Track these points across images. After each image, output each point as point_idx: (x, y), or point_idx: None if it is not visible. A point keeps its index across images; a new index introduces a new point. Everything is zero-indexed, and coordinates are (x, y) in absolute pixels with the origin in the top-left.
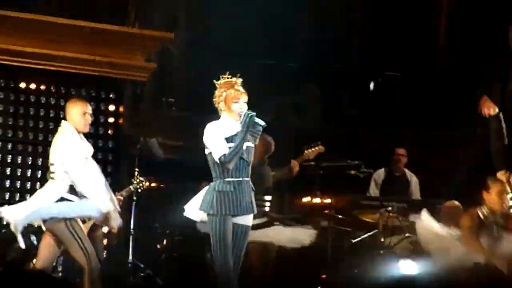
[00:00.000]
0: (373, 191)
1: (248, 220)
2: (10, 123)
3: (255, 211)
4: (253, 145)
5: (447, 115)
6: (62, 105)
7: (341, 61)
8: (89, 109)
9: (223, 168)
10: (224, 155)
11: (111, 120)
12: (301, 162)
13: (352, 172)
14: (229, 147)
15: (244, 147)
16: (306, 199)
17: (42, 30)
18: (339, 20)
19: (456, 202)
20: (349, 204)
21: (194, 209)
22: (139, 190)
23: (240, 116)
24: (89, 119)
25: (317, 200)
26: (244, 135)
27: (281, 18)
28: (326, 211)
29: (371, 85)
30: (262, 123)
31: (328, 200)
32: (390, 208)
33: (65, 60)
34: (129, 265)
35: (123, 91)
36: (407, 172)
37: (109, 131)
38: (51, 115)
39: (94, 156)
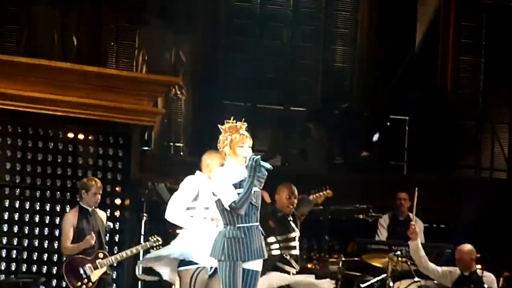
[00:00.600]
0: (382, 235)
1: (257, 265)
2: (18, 168)
3: (266, 256)
4: (259, 190)
5: (453, 158)
6: (70, 151)
7: (348, 105)
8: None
9: (232, 214)
10: (235, 201)
11: (119, 165)
12: (310, 208)
13: (361, 216)
14: (238, 193)
15: (252, 192)
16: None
17: (50, 75)
18: (347, 64)
19: (470, 246)
20: (357, 249)
21: (204, 256)
22: (155, 249)
23: (246, 160)
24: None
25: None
26: (252, 180)
27: (287, 63)
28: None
29: (376, 137)
30: (268, 166)
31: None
32: (398, 253)
33: (73, 105)
34: None
35: (131, 136)
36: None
37: (118, 176)
38: (59, 160)
39: (102, 201)
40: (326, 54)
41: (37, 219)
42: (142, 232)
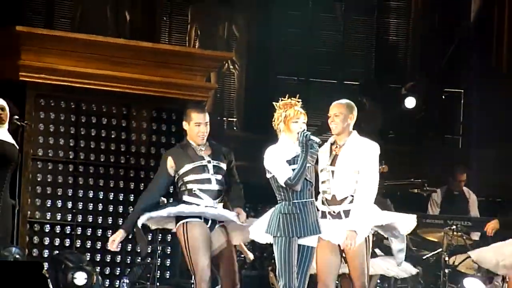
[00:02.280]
0: (433, 210)
1: (313, 241)
2: (71, 144)
3: (321, 232)
4: (312, 165)
5: (509, 131)
6: (123, 126)
7: (400, 78)
8: None
9: (287, 190)
10: (290, 178)
11: (172, 140)
12: None
13: (416, 190)
14: (293, 169)
15: (306, 167)
16: None
17: (104, 51)
18: (400, 38)
19: None
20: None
21: (260, 232)
22: None
23: (297, 136)
24: None
25: None
26: (305, 155)
27: (340, 36)
28: None
29: (410, 102)
30: (317, 140)
31: None
32: (454, 227)
33: (127, 81)
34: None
35: (184, 112)
36: (466, 190)
37: None
38: (112, 136)
39: None
40: (380, 27)
41: (90, 195)
42: None
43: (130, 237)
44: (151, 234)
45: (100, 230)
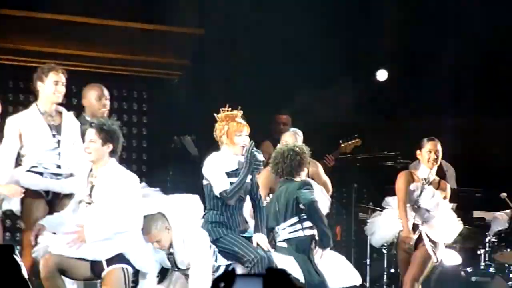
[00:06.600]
0: None
1: None
2: None
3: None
4: (249, 182)
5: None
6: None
7: (373, 48)
8: None
9: (217, 200)
10: (226, 191)
11: (144, 119)
12: (337, 156)
13: (389, 163)
14: (231, 183)
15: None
16: None
17: (72, 31)
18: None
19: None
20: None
21: None
22: None
23: (243, 151)
24: None
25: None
26: (247, 171)
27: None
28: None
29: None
30: (260, 158)
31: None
32: None
33: (96, 61)
34: None
35: (155, 90)
36: (444, 163)
37: (143, 131)
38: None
39: (128, 157)
40: None
41: None
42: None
43: None
44: None
45: None
